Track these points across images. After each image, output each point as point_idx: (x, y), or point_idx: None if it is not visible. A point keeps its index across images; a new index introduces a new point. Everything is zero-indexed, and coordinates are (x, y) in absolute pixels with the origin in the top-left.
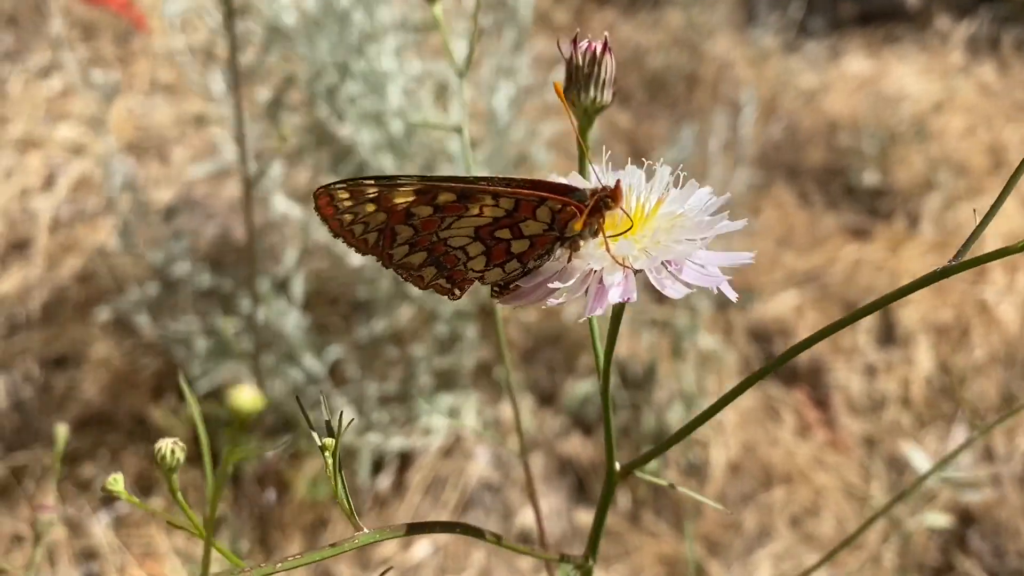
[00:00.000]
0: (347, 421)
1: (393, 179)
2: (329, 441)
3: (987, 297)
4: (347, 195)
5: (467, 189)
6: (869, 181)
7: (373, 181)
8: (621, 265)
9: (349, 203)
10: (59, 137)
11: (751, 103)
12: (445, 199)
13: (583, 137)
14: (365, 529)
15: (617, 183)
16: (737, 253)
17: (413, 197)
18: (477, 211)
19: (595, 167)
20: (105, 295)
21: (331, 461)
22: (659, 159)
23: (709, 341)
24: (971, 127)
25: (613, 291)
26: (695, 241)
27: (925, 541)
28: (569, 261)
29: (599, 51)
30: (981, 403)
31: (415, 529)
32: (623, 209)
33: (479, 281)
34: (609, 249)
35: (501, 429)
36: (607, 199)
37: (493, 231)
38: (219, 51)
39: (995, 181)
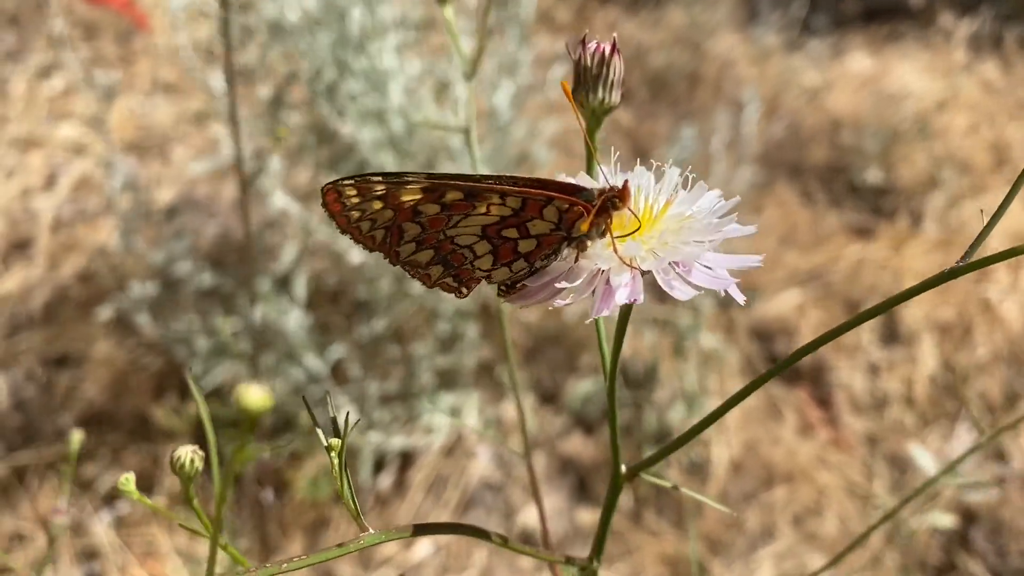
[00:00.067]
0: (347, 416)
1: (401, 176)
2: (335, 441)
3: (990, 296)
4: (355, 192)
5: (474, 188)
6: (872, 179)
7: (381, 178)
8: (628, 266)
9: (356, 200)
10: (60, 137)
11: (753, 101)
12: (452, 197)
13: (591, 138)
14: (371, 530)
15: (625, 183)
16: (745, 256)
17: (420, 195)
18: (484, 210)
19: (603, 168)
20: (106, 295)
21: (337, 461)
22: (661, 158)
23: (711, 340)
24: (974, 125)
25: (620, 292)
26: (703, 243)
27: (928, 540)
28: (576, 261)
29: (608, 53)
30: (984, 402)
31: (422, 530)
32: (631, 209)
33: (486, 280)
34: (616, 250)
35: (502, 428)
36: (615, 199)
37: (500, 230)
38: (220, 48)
39: (998, 179)
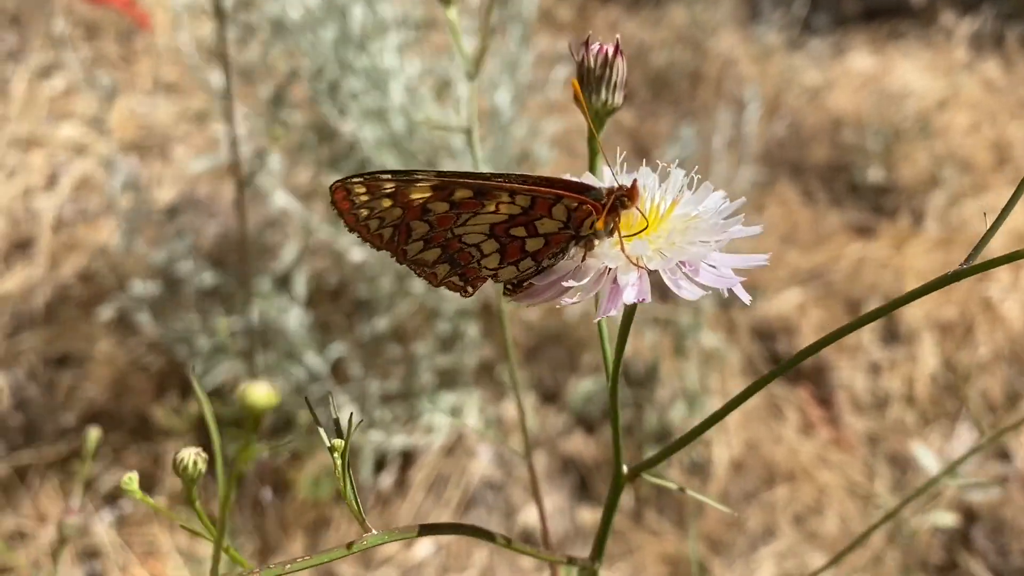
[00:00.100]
0: (351, 417)
1: (410, 174)
2: (338, 442)
3: (992, 294)
4: (364, 189)
5: (484, 186)
6: (873, 178)
7: (391, 176)
8: (635, 265)
9: (366, 198)
10: (62, 136)
11: (755, 100)
12: (462, 195)
13: (595, 139)
14: (374, 531)
15: (634, 183)
16: (752, 255)
17: (430, 193)
18: (493, 208)
19: (609, 168)
20: (107, 294)
21: (340, 462)
22: (662, 157)
23: (712, 339)
24: (976, 123)
25: (628, 291)
26: (709, 243)
27: (929, 539)
28: (584, 260)
29: (611, 53)
30: (986, 401)
31: (426, 531)
32: (639, 209)
33: (492, 279)
34: (624, 249)
35: (503, 427)
36: (623, 198)
37: (508, 228)
38: (219, 46)
39: (1000, 178)
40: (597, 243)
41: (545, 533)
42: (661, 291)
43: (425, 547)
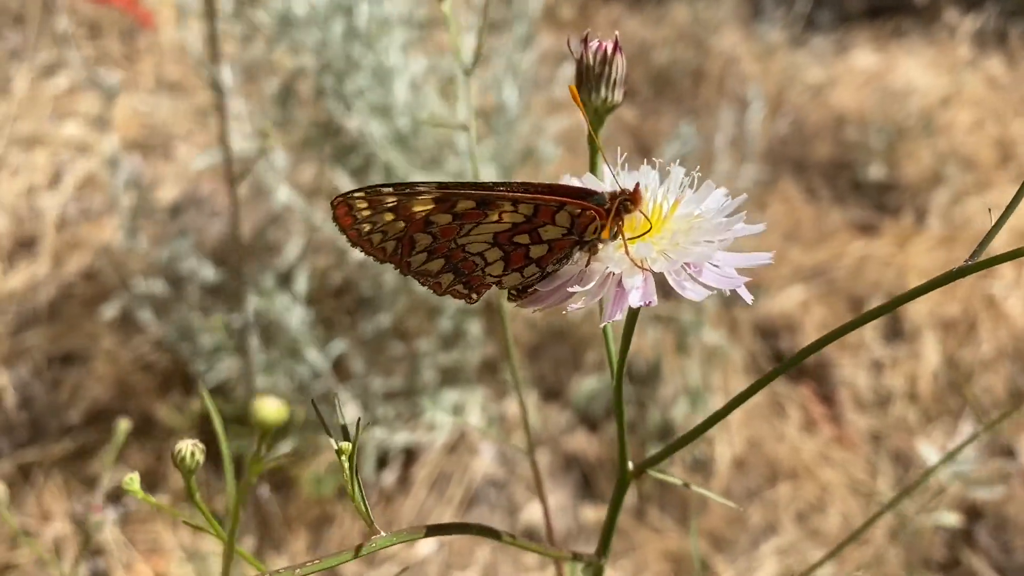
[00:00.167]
0: (359, 422)
1: (412, 187)
2: (346, 445)
3: (995, 292)
4: (365, 204)
5: (487, 196)
6: (876, 176)
7: (392, 189)
8: (640, 267)
9: (367, 212)
10: (65, 135)
11: (757, 98)
12: (464, 207)
13: (595, 137)
14: (382, 532)
15: (636, 187)
16: (755, 254)
17: (432, 205)
18: (496, 217)
19: (609, 168)
20: (111, 292)
21: (348, 465)
22: (664, 154)
23: (714, 337)
24: (979, 121)
25: (634, 294)
26: (713, 243)
27: (932, 537)
28: (588, 264)
29: (610, 51)
30: (989, 398)
31: (434, 531)
32: (642, 212)
33: (496, 286)
34: (628, 252)
35: (506, 425)
36: (627, 203)
37: (512, 236)
38: (226, 43)
39: (1003, 175)
40: (601, 247)
41: (549, 530)
42: (663, 289)
43: (428, 545)
